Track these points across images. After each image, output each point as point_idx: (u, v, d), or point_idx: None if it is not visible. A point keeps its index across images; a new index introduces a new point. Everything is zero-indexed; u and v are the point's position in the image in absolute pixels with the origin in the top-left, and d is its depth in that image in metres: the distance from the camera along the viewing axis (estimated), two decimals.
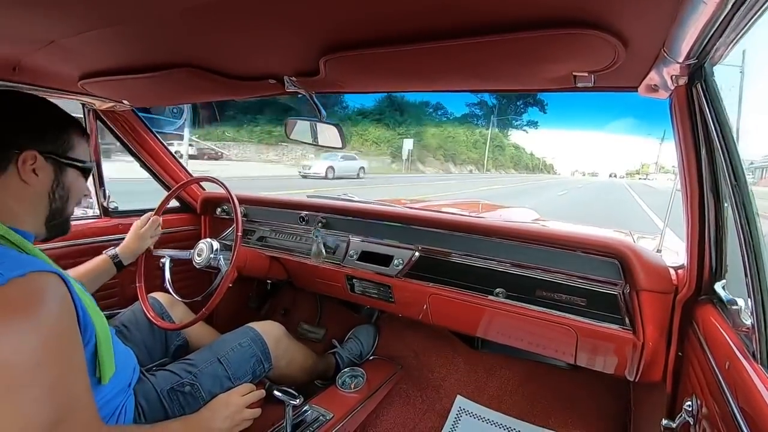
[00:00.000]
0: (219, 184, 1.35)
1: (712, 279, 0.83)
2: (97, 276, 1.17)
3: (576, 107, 66.31)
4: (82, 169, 0.81)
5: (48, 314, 0.59)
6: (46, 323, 0.58)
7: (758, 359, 0.58)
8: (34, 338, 0.56)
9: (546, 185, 24.35)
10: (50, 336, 0.58)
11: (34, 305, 0.58)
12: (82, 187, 0.83)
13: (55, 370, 0.58)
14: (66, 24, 0.72)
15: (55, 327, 0.60)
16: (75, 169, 0.79)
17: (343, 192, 1.85)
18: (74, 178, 0.79)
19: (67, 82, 1.14)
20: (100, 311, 0.78)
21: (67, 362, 0.61)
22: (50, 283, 0.62)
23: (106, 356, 0.76)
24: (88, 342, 0.71)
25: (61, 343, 0.61)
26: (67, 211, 0.81)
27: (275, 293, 2.06)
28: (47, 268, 0.63)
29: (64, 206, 0.80)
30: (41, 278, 0.61)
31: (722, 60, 0.64)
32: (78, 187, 0.81)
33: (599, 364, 1.09)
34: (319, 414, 1.24)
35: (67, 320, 0.64)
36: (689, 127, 0.76)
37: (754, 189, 0.62)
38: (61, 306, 0.63)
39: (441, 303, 1.27)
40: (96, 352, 0.74)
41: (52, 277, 0.63)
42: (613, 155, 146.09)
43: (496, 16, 0.60)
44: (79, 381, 0.64)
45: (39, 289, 0.60)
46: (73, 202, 0.82)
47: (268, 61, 0.91)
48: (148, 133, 1.64)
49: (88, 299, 0.76)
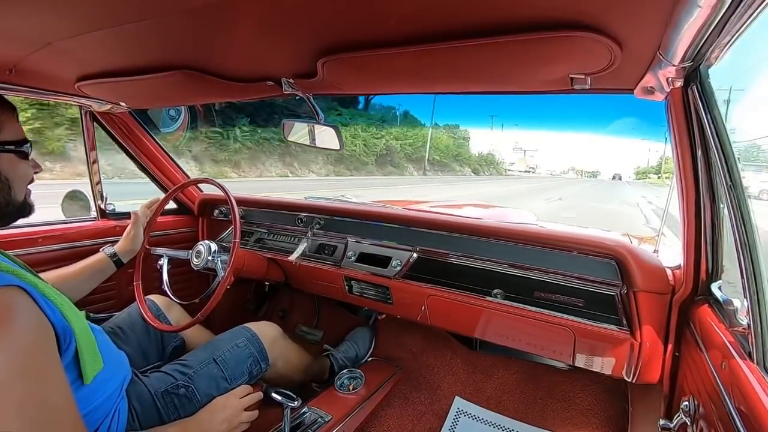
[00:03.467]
0: (217, 185, 1.35)
1: (708, 279, 0.83)
2: (92, 274, 1.15)
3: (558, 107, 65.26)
4: (18, 152, 0.71)
5: (12, 331, 0.56)
6: (11, 340, 0.55)
7: (754, 359, 0.58)
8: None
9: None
10: (16, 353, 0.55)
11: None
12: (25, 169, 0.74)
13: (26, 387, 0.55)
14: (63, 26, 0.72)
15: (21, 343, 0.56)
16: (8, 153, 0.70)
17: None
18: (11, 163, 0.70)
19: (63, 84, 1.14)
20: (76, 309, 0.74)
21: (39, 377, 0.58)
22: (15, 298, 0.59)
23: (88, 353, 0.72)
24: (68, 346, 0.68)
25: (29, 358, 0.57)
26: (15, 199, 0.73)
27: (273, 295, 2.06)
28: (11, 282, 0.60)
29: (8, 196, 0.71)
30: (2, 294, 0.58)
31: (717, 62, 0.64)
32: (20, 171, 0.72)
33: (597, 365, 1.09)
34: (317, 416, 1.23)
35: (36, 334, 0.60)
36: (685, 128, 0.77)
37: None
38: (28, 321, 0.59)
39: (439, 304, 1.27)
40: (77, 354, 0.70)
41: (16, 292, 0.60)
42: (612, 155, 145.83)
43: (493, 19, 0.60)
44: (55, 394, 0.60)
45: (1, 305, 0.57)
46: (19, 189, 0.73)
47: (266, 63, 0.91)
48: (145, 135, 1.64)
49: (64, 301, 0.72)
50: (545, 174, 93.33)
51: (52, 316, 0.65)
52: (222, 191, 1.32)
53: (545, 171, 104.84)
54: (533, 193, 18.58)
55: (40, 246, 1.34)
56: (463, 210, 2.11)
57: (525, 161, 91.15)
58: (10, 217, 0.74)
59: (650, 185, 43.78)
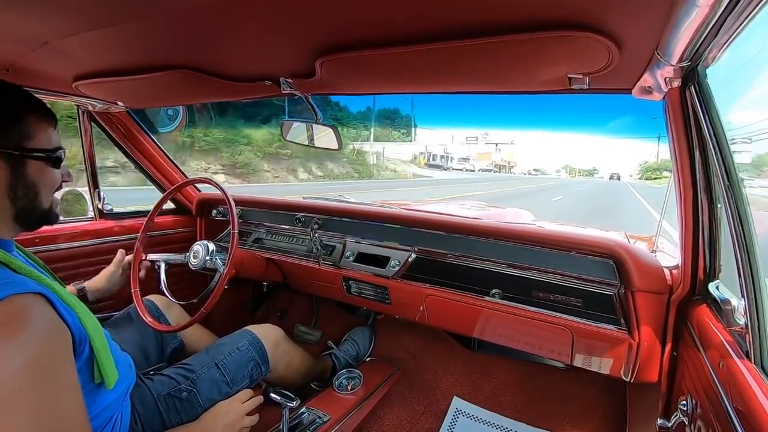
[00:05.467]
0: (214, 185, 1.34)
1: (706, 279, 0.83)
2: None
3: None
4: (48, 159, 0.71)
5: (29, 337, 0.57)
6: (27, 346, 0.56)
7: (752, 358, 0.58)
8: (15, 362, 0.54)
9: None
10: (33, 359, 0.56)
11: (15, 329, 0.56)
12: (53, 177, 0.74)
13: (40, 393, 0.56)
14: (60, 25, 0.71)
15: (37, 349, 0.57)
16: (38, 160, 0.69)
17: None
18: (39, 170, 0.70)
19: (61, 84, 1.13)
20: (93, 318, 0.75)
21: (54, 383, 0.58)
22: (33, 305, 0.60)
23: (107, 362, 0.73)
24: (82, 351, 0.69)
25: (45, 364, 0.58)
26: (41, 206, 0.72)
27: (271, 295, 2.06)
28: (30, 288, 0.61)
29: (34, 203, 0.71)
30: (22, 300, 0.59)
31: (715, 62, 0.64)
32: (48, 178, 0.72)
33: (595, 365, 1.10)
34: (316, 416, 1.23)
35: (53, 341, 0.61)
36: (683, 128, 0.77)
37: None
38: (45, 327, 0.60)
39: (437, 304, 1.27)
40: (91, 358, 0.71)
41: (36, 298, 0.60)
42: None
43: (491, 19, 0.60)
44: (69, 400, 0.61)
45: (19, 312, 0.58)
46: (45, 196, 0.73)
47: (264, 62, 0.91)
48: (143, 134, 1.63)
49: (80, 306, 0.72)
50: (520, 173, 76.67)
51: (71, 321, 0.65)
52: (219, 190, 1.32)
53: (523, 169, 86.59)
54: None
55: (37, 246, 1.33)
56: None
57: (489, 156, 74.64)
58: (34, 223, 0.74)
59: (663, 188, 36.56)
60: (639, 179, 64.15)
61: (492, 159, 75.26)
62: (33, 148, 0.69)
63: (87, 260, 1.46)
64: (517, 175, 59.06)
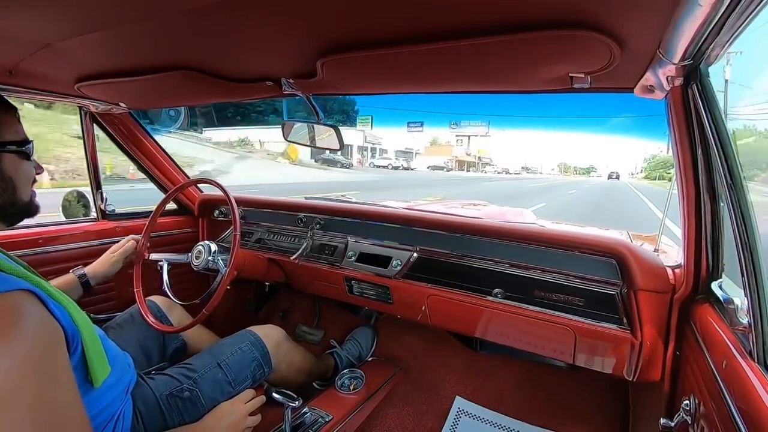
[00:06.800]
0: (216, 185, 1.35)
1: (708, 278, 0.83)
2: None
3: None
4: (19, 152, 0.70)
5: (21, 334, 0.56)
6: (19, 344, 0.55)
7: (755, 358, 0.58)
8: (7, 360, 0.53)
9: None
10: (25, 356, 0.55)
11: (4, 326, 0.55)
12: (28, 169, 0.73)
13: (35, 390, 0.55)
14: (62, 27, 0.72)
15: (30, 347, 0.56)
16: (9, 153, 0.68)
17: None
18: (13, 164, 0.69)
19: (63, 85, 1.14)
20: (83, 313, 0.74)
21: (50, 380, 0.58)
22: (23, 302, 0.59)
23: (96, 357, 0.72)
24: (76, 348, 0.68)
25: (38, 362, 0.57)
26: (21, 200, 0.72)
27: (273, 296, 2.06)
28: (19, 286, 0.60)
29: (12, 197, 0.70)
30: (12, 298, 0.58)
31: (717, 60, 0.64)
32: (23, 171, 0.72)
33: (597, 364, 1.09)
34: (318, 416, 1.23)
35: (46, 337, 0.60)
36: (685, 127, 0.77)
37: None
38: (36, 324, 0.59)
39: (439, 304, 1.27)
40: (84, 356, 0.70)
41: (25, 296, 0.60)
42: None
43: (493, 18, 0.60)
44: (65, 397, 0.60)
45: (9, 309, 0.57)
46: (24, 189, 0.72)
47: (266, 63, 0.91)
48: (144, 135, 1.64)
49: (70, 302, 0.72)
50: (493, 172, 58.76)
51: (61, 318, 0.65)
52: (221, 191, 1.32)
53: (509, 167, 69.44)
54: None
55: (41, 247, 1.34)
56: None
57: (450, 150, 58.47)
58: (15, 217, 0.74)
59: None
60: (644, 178, 54.29)
61: (453, 154, 59.01)
62: (3, 141, 0.68)
63: (89, 261, 1.46)
64: (488, 175, 46.68)
